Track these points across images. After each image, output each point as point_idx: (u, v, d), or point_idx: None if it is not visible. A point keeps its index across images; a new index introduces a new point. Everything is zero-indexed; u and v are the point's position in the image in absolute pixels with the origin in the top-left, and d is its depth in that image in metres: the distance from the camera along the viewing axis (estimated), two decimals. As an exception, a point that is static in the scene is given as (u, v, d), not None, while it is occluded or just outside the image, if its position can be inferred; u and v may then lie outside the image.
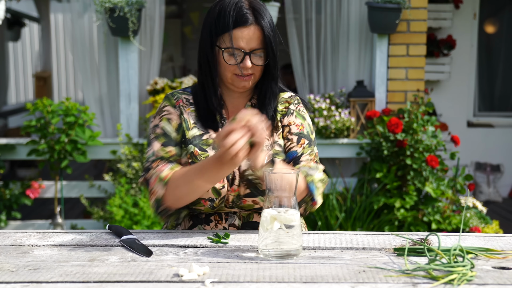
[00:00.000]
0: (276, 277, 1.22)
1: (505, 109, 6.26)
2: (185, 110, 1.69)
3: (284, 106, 1.73)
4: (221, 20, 1.60)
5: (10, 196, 4.11)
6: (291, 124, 1.70)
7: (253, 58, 1.61)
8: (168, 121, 1.67)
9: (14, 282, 1.20)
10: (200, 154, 1.63)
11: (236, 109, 1.71)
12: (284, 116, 1.72)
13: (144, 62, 4.48)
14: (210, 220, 1.66)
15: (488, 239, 1.54)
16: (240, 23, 1.58)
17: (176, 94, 1.73)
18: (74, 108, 3.97)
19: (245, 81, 1.64)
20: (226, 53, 1.61)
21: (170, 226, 1.73)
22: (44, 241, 1.51)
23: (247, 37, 1.59)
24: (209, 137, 1.66)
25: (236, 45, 1.59)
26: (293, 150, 1.66)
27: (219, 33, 1.61)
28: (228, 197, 1.62)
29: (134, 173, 4.07)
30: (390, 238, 1.53)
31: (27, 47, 9.56)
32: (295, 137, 1.68)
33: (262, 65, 1.63)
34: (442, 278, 1.20)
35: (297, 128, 1.70)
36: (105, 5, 4.01)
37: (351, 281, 1.20)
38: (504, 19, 6.17)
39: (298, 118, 1.72)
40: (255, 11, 1.60)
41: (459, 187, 4.02)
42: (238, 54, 1.60)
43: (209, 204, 1.62)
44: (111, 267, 1.29)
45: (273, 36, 1.62)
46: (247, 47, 1.59)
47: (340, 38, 4.49)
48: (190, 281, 1.20)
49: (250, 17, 1.59)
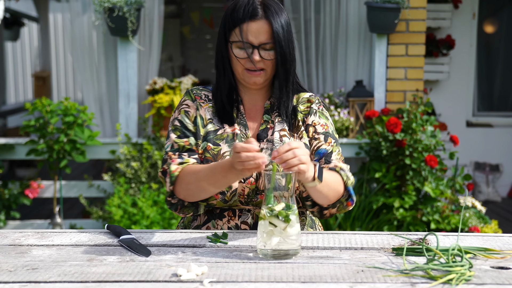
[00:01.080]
0: (275, 277, 1.22)
1: (504, 109, 6.26)
2: (202, 106, 1.73)
3: (306, 106, 1.75)
4: (233, 15, 1.64)
5: (9, 196, 4.11)
6: (316, 124, 1.72)
7: (262, 52, 1.63)
8: (186, 113, 1.73)
9: (12, 282, 1.20)
10: (213, 149, 1.66)
11: (253, 106, 1.75)
12: (307, 115, 1.74)
13: (143, 62, 4.48)
14: (224, 215, 1.67)
15: (487, 238, 1.54)
16: (249, 17, 1.62)
17: (196, 90, 1.77)
18: (73, 108, 3.96)
19: (256, 76, 1.65)
20: (236, 47, 1.64)
21: (186, 221, 1.75)
22: (43, 241, 1.51)
23: (256, 30, 1.62)
24: (223, 132, 1.69)
25: (245, 38, 1.62)
26: (322, 147, 1.68)
27: (231, 27, 1.65)
28: (244, 189, 1.63)
29: (133, 173, 4.07)
30: (389, 238, 1.54)
31: (26, 46, 9.55)
32: (321, 136, 1.70)
33: (271, 60, 1.64)
34: (440, 278, 1.20)
35: (322, 128, 1.72)
36: (104, 5, 4.01)
37: (349, 281, 1.20)
38: (503, 19, 6.17)
39: (322, 118, 1.74)
40: (266, 7, 1.63)
41: (458, 187, 4.02)
42: (247, 48, 1.62)
43: (220, 197, 1.63)
44: (109, 267, 1.29)
45: (283, 32, 1.63)
46: (256, 40, 1.62)
47: (339, 38, 4.49)
48: (189, 281, 1.20)
49: (260, 12, 1.62)
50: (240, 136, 1.69)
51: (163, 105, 4.16)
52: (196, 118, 1.71)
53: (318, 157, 1.67)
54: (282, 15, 1.65)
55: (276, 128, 1.70)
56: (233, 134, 1.69)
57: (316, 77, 4.59)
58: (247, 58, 1.63)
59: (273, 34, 1.62)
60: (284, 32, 1.64)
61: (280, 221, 1.34)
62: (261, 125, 1.71)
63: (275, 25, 1.62)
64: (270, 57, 1.63)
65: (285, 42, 1.64)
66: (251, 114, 1.74)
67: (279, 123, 1.71)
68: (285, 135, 1.69)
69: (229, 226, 1.66)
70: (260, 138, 1.69)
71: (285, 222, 1.34)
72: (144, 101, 4.36)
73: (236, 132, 1.69)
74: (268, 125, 1.71)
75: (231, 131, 1.69)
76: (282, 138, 1.68)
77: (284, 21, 1.65)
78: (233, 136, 1.68)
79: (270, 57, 1.64)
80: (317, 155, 1.68)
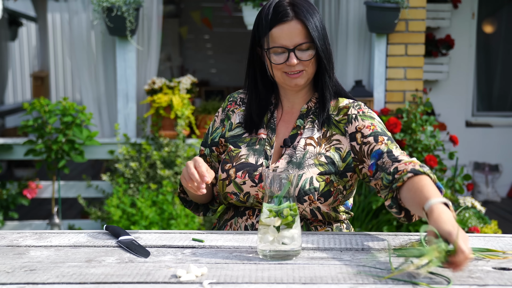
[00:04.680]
0: (275, 278, 1.21)
1: (503, 109, 6.26)
2: (234, 112, 1.75)
3: (343, 114, 1.65)
4: (263, 21, 1.60)
5: (7, 196, 4.10)
6: (362, 128, 1.61)
7: (298, 53, 1.59)
8: (214, 122, 1.79)
9: (10, 283, 1.19)
10: (233, 150, 1.68)
11: (291, 110, 1.71)
12: (347, 124, 1.64)
13: (142, 61, 4.47)
14: (245, 214, 1.68)
15: (488, 239, 1.53)
16: (279, 20, 1.58)
17: (234, 95, 1.80)
18: (71, 108, 3.96)
19: (296, 78, 1.62)
20: (272, 52, 1.60)
21: (222, 214, 1.79)
22: (41, 241, 1.50)
23: (288, 32, 1.58)
24: (248, 135, 1.70)
25: (279, 43, 1.58)
26: (375, 149, 1.57)
27: (262, 34, 1.61)
28: (257, 193, 1.63)
29: (131, 173, 4.06)
30: (390, 239, 1.53)
31: (24, 46, 9.54)
32: (371, 138, 1.59)
33: (310, 60, 1.60)
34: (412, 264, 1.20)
35: (369, 130, 1.61)
36: (103, 5, 4.00)
37: (350, 282, 1.19)
38: (503, 19, 6.17)
39: (366, 120, 1.63)
40: (295, 6, 1.59)
41: (457, 187, 4.01)
42: (283, 52, 1.59)
43: (235, 198, 1.65)
44: (108, 268, 1.28)
45: (318, 28, 1.59)
46: (290, 43, 1.58)
47: (338, 38, 4.49)
48: (188, 282, 1.19)
49: (290, 13, 1.58)
50: (264, 141, 1.67)
51: (161, 105, 4.15)
52: (218, 128, 1.76)
53: (374, 159, 1.57)
54: (313, 11, 1.61)
55: (304, 135, 1.65)
56: (257, 139, 1.68)
57: (315, 77, 4.58)
58: (285, 62, 1.59)
59: (308, 32, 1.57)
60: (318, 28, 1.59)
61: (280, 222, 1.33)
62: (292, 130, 1.68)
63: (309, 23, 1.57)
64: (308, 57, 1.59)
65: (322, 38, 1.60)
66: (286, 118, 1.71)
67: (309, 130, 1.66)
68: (311, 143, 1.63)
69: (246, 225, 1.66)
70: (286, 143, 1.65)
71: (285, 222, 1.33)
72: (143, 101, 4.35)
73: (262, 137, 1.68)
74: (299, 131, 1.67)
75: (257, 135, 1.69)
76: (307, 146, 1.63)
77: (317, 17, 1.61)
78: (256, 141, 1.68)
79: (309, 57, 1.59)
80: (373, 158, 1.58)
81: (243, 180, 1.63)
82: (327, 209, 1.62)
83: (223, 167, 1.67)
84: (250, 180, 1.63)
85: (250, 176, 1.63)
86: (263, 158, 1.65)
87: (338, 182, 1.62)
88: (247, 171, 1.63)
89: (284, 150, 1.65)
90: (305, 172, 1.59)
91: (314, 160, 1.61)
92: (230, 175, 1.65)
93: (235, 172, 1.64)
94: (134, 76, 4.29)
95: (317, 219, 1.64)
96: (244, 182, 1.63)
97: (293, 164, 1.61)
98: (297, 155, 1.62)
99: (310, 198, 1.58)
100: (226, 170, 1.66)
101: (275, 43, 1.58)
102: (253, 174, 1.63)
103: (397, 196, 1.51)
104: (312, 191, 1.58)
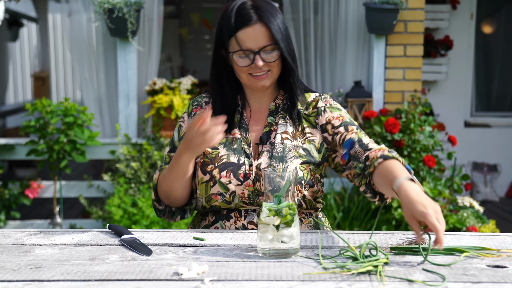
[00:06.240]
0: (274, 276, 1.23)
1: (502, 109, 6.28)
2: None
3: (312, 107, 1.73)
4: (226, 25, 1.62)
5: (9, 196, 4.12)
6: (331, 119, 1.70)
7: (263, 55, 1.61)
8: (179, 128, 1.77)
9: (16, 280, 1.22)
10: (211, 152, 1.68)
11: (259, 109, 1.74)
12: (317, 116, 1.72)
13: (143, 62, 4.50)
14: (231, 216, 1.67)
15: (483, 238, 1.56)
16: (244, 24, 1.60)
17: (198, 99, 1.80)
18: (73, 108, 3.98)
19: (262, 79, 1.65)
20: (237, 55, 1.62)
21: (196, 221, 1.77)
22: (45, 240, 1.53)
23: (253, 36, 1.60)
24: (224, 136, 1.67)
25: (244, 46, 1.60)
26: (347, 139, 1.66)
27: (226, 37, 1.63)
28: (243, 191, 1.64)
29: (132, 173, 4.08)
30: (387, 237, 1.55)
31: (25, 47, 9.56)
32: (341, 128, 1.68)
33: (276, 61, 1.63)
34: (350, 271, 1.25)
35: (338, 120, 1.70)
36: (104, 6, 4.02)
37: (348, 279, 1.22)
38: (501, 19, 6.19)
39: (334, 111, 1.72)
40: (258, 9, 1.61)
41: (456, 187, 4.03)
42: (248, 55, 1.61)
43: (220, 199, 1.65)
44: (111, 266, 1.30)
45: (282, 30, 1.62)
46: (255, 46, 1.60)
47: (338, 39, 4.51)
48: (190, 279, 1.22)
49: (254, 16, 1.60)
50: (240, 141, 1.69)
51: (162, 105, 4.17)
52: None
53: (347, 149, 1.66)
54: (276, 13, 1.63)
55: (278, 131, 1.69)
56: (233, 139, 1.70)
57: (314, 77, 4.60)
58: (250, 65, 1.62)
59: (272, 35, 1.60)
60: (282, 30, 1.62)
61: (279, 220, 1.36)
62: (265, 128, 1.71)
63: (272, 25, 1.60)
64: (273, 58, 1.62)
65: (285, 40, 1.63)
66: (256, 117, 1.74)
67: (282, 125, 1.70)
68: (287, 138, 1.68)
69: (237, 227, 1.66)
70: (262, 141, 1.69)
71: (285, 221, 1.36)
72: (144, 102, 4.37)
73: (237, 137, 1.70)
74: (272, 127, 1.71)
75: (232, 135, 1.70)
76: (284, 140, 1.68)
77: (279, 18, 1.63)
78: (233, 140, 1.69)
79: (273, 59, 1.62)
80: (345, 148, 1.66)
81: (228, 180, 1.64)
82: (310, 196, 1.67)
83: (204, 169, 1.67)
84: (236, 179, 1.64)
85: (235, 175, 1.64)
86: (244, 157, 1.67)
87: (315, 170, 1.69)
88: (231, 170, 1.65)
89: (262, 148, 1.68)
90: (289, 164, 1.64)
91: (294, 152, 1.66)
92: (214, 176, 1.65)
93: (219, 172, 1.65)
94: (135, 76, 4.31)
95: (301, 210, 1.68)
96: (229, 182, 1.64)
97: (276, 158, 1.64)
98: (277, 150, 1.66)
99: (297, 188, 1.64)
100: (208, 171, 1.66)
101: (241, 47, 1.61)
102: (237, 172, 1.65)
103: (371, 181, 1.60)
104: (299, 180, 1.63)
